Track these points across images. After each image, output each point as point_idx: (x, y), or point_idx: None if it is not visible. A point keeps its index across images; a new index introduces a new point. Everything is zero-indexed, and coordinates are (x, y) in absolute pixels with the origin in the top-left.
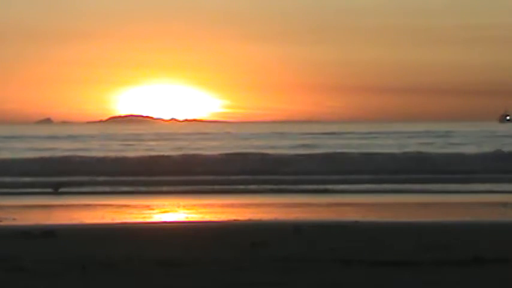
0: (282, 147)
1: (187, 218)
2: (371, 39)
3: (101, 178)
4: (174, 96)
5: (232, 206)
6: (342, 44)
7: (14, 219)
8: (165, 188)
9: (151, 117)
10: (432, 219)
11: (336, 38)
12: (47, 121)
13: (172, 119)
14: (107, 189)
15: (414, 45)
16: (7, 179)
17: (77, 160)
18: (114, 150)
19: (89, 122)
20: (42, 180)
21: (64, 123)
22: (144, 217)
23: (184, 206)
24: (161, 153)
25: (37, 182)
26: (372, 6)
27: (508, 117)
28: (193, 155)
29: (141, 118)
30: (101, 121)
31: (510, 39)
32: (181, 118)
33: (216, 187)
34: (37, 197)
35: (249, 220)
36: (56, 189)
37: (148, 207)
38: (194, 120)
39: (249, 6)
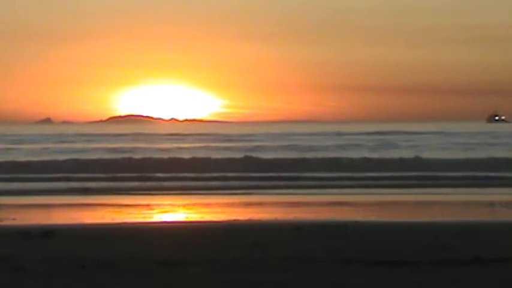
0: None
1: (187, 218)
2: (370, 39)
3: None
4: (174, 96)
5: (232, 206)
6: (341, 44)
7: (14, 219)
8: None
9: (151, 117)
10: (432, 219)
11: (336, 38)
12: (47, 121)
13: (172, 119)
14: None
15: (414, 45)
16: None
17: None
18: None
19: (89, 122)
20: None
21: (64, 123)
22: (144, 217)
23: (184, 206)
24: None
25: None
26: (372, 6)
27: (496, 118)
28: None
29: (141, 118)
30: (100, 121)
31: (506, 39)
32: (181, 118)
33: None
34: (37, 197)
35: (249, 220)
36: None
37: (148, 207)
38: (194, 120)
39: (249, 6)
